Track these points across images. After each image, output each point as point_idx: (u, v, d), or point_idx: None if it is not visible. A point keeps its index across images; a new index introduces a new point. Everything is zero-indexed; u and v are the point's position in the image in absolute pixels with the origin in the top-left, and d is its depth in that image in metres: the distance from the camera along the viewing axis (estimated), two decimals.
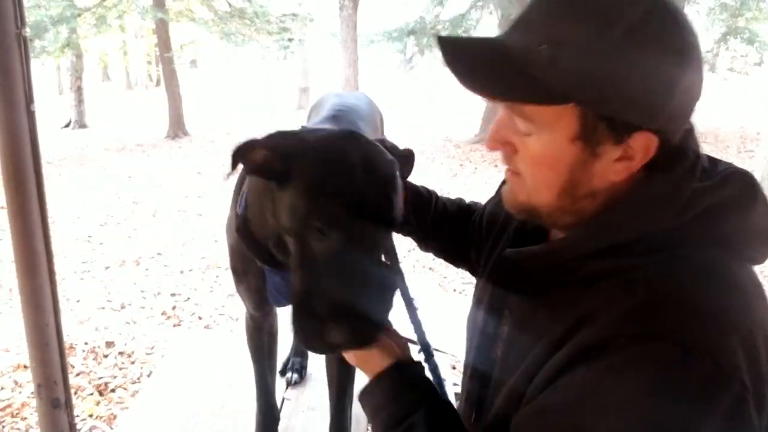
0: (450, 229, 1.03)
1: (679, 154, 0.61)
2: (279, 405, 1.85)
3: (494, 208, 0.92)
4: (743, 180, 0.62)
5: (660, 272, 0.57)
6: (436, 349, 1.19)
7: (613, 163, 0.59)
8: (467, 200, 1.11)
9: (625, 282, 0.58)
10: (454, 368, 2.59)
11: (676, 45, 0.54)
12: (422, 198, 1.05)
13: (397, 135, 1.76)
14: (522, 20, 0.60)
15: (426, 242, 1.08)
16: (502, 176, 0.73)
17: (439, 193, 1.13)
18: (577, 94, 0.54)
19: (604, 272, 0.60)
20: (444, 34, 10.66)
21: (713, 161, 0.65)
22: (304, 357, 2.01)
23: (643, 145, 0.57)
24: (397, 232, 1.01)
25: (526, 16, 0.59)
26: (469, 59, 0.60)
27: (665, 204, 0.59)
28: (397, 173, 0.86)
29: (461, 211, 1.06)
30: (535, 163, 0.61)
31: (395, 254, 1.07)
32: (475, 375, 0.79)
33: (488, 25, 11.18)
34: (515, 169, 0.65)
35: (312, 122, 1.41)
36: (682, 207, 0.59)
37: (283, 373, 1.98)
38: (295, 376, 1.96)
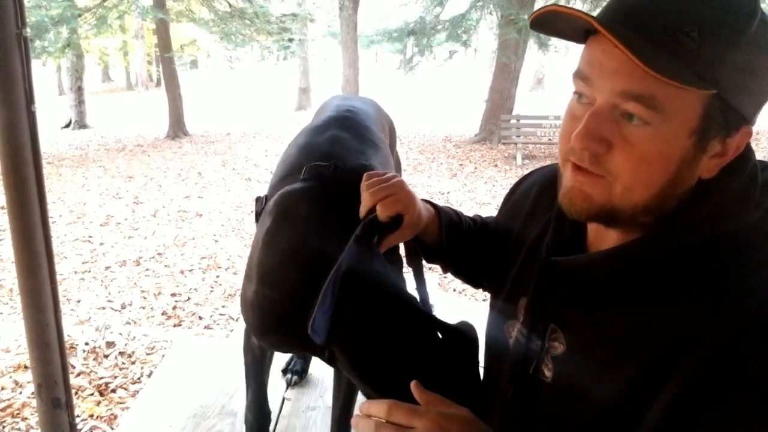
0: (475, 249, 0.96)
1: (748, 152, 0.61)
2: (279, 405, 1.85)
3: (505, 217, 0.89)
4: None
5: (753, 272, 0.55)
6: None
7: (709, 159, 0.57)
8: (476, 210, 1.07)
9: (718, 287, 0.55)
10: None
11: None
12: (453, 225, 0.97)
13: (397, 135, 1.75)
14: (646, 2, 0.55)
15: (454, 266, 1.00)
16: (501, 176, 0.71)
17: (441, 194, 1.09)
18: (723, 82, 0.53)
19: (688, 277, 0.57)
20: (444, 33, 10.67)
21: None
22: (306, 359, 2.01)
23: (738, 141, 0.57)
24: (429, 261, 0.97)
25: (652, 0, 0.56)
26: (623, 28, 0.54)
27: (743, 201, 0.58)
28: None
29: (483, 229, 1.00)
30: (643, 159, 0.56)
31: (401, 262, 1.05)
32: (516, 398, 0.71)
33: (488, 26, 11.19)
34: (605, 169, 0.58)
35: (316, 120, 1.33)
36: (756, 203, 0.58)
37: (283, 373, 1.98)
38: (295, 377, 1.96)
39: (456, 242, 0.94)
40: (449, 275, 1.00)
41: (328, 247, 0.88)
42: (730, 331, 0.52)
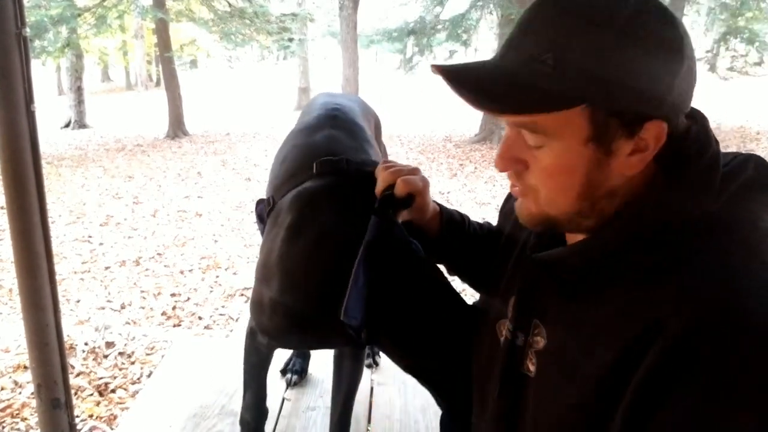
0: (478, 251, 0.98)
1: (706, 142, 0.62)
2: (279, 405, 1.85)
3: (502, 222, 0.92)
4: (758, 162, 0.64)
5: (714, 257, 0.56)
6: None
7: (627, 157, 0.59)
8: (477, 213, 1.08)
9: (682, 272, 0.56)
10: None
11: (668, 35, 0.56)
12: (455, 223, 1.01)
13: (397, 135, 1.74)
14: (516, 37, 0.61)
15: (453, 264, 1.03)
16: (501, 176, 0.73)
17: (441, 194, 1.10)
18: (588, 95, 0.55)
19: (653, 265, 0.58)
20: (444, 33, 10.67)
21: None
22: (306, 358, 2.01)
23: (654, 134, 0.58)
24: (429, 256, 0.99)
25: (519, 31, 0.60)
26: (473, 81, 0.60)
27: (700, 189, 0.60)
28: None
29: (492, 232, 1.02)
30: (549, 174, 0.62)
31: None
32: (502, 395, 0.73)
33: (488, 25, 11.19)
34: (527, 185, 0.65)
35: (306, 120, 1.33)
36: (718, 191, 0.60)
37: (283, 373, 1.98)
38: (295, 377, 1.96)
39: (456, 240, 0.98)
40: (447, 273, 1.02)
41: (354, 237, 0.91)
42: (688, 321, 0.53)
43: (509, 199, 0.93)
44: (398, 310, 0.91)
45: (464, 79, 0.60)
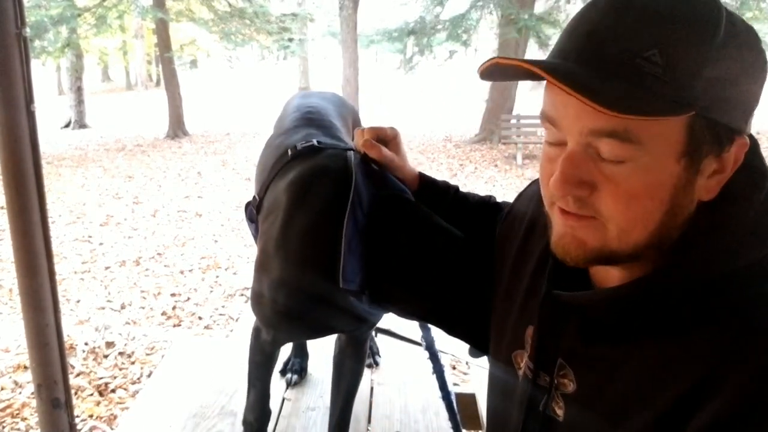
0: (473, 223, 0.95)
1: (759, 172, 0.56)
2: (279, 405, 1.85)
3: (505, 235, 0.83)
4: None
5: None
6: (440, 350, 1.19)
7: (707, 180, 0.53)
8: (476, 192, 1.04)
9: (736, 325, 0.51)
10: (454, 368, 2.59)
11: (758, 48, 0.52)
12: (434, 188, 1.00)
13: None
14: (600, 31, 0.51)
15: None
16: (501, 176, 0.70)
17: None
18: (700, 101, 0.49)
19: (703, 313, 0.53)
20: (444, 33, 10.65)
21: None
22: (304, 358, 2.01)
23: (736, 153, 0.52)
24: None
25: (605, 27, 0.50)
26: (581, 75, 0.50)
27: (758, 234, 0.53)
28: None
29: (486, 205, 0.98)
30: (632, 196, 0.51)
31: None
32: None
33: (488, 25, 11.19)
34: (591, 212, 0.54)
35: (282, 125, 1.35)
36: None
37: (283, 373, 1.98)
38: (295, 377, 1.96)
39: (434, 205, 0.97)
40: None
41: (342, 208, 0.95)
42: (745, 383, 0.48)
43: (511, 213, 0.84)
44: (400, 256, 0.93)
45: (564, 71, 0.50)
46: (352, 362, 1.49)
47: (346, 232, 0.93)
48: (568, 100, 0.50)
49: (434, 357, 1.20)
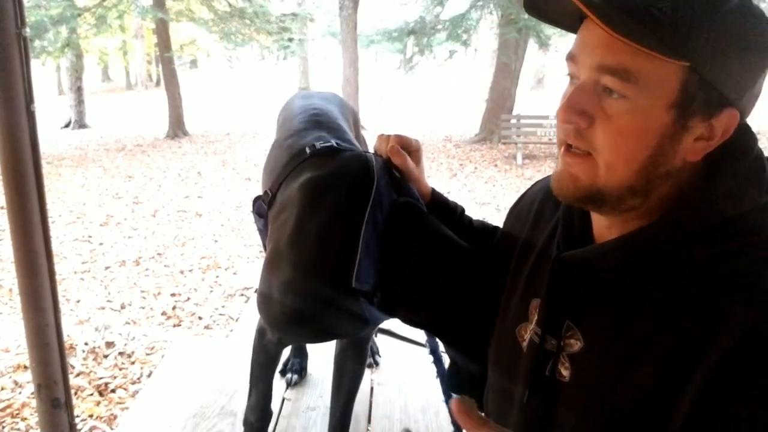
0: (473, 245, 0.98)
1: (749, 138, 0.61)
2: (279, 405, 1.85)
3: (513, 223, 0.89)
4: None
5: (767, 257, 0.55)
6: (443, 351, 1.19)
7: (693, 141, 0.57)
8: (477, 213, 1.10)
9: (736, 270, 0.54)
10: None
11: (766, 35, 0.56)
12: (445, 206, 1.04)
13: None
14: None
15: None
16: (501, 176, 0.71)
17: (443, 194, 1.11)
18: (696, 54, 0.53)
19: (704, 261, 0.56)
20: (444, 33, 10.67)
21: None
22: (304, 358, 2.01)
23: (725, 123, 0.56)
24: None
25: None
26: (607, 7, 0.56)
27: (754, 182, 0.58)
28: None
29: (486, 230, 1.02)
30: (621, 132, 0.57)
31: None
32: (532, 400, 0.69)
33: (488, 25, 11.19)
34: (586, 145, 0.60)
35: (291, 126, 1.34)
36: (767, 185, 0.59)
37: (283, 373, 1.98)
38: (295, 376, 1.96)
39: (442, 220, 1.00)
40: None
41: (360, 213, 0.96)
42: (753, 318, 0.51)
43: (521, 200, 0.90)
44: (417, 263, 0.95)
45: (594, 3, 0.56)
46: (353, 363, 1.49)
47: (364, 234, 0.93)
48: (590, 36, 0.58)
49: (438, 361, 1.20)
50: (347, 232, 0.96)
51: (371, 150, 1.08)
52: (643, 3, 0.54)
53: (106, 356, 2.99)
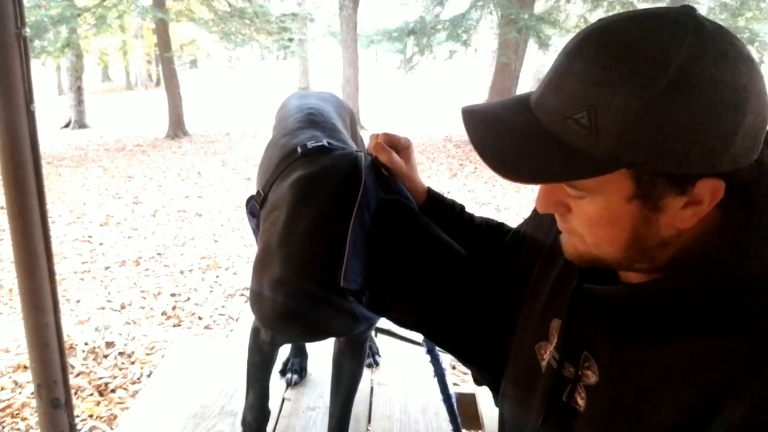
0: (477, 243, 0.98)
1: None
2: (279, 405, 1.85)
3: (534, 232, 0.86)
4: None
5: None
6: (441, 352, 1.19)
7: (679, 211, 0.54)
8: (482, 215, 1.07)
9: (754, 330, 0.52)
10: (454, 368, 2.59)
11: (728, 83, 0.48)
12: (441, 204, 1.03)
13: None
14: (554, 77, 0.55)
15: None
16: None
17: (443, 194, 1.10)
18: (627, 159, 0.50)
19: (722, 317, 0.54)
20: (444, 33, 10.66)
21: None
22: (304, 357, 2.01)
23: (709, 191, 0.52)
24: None
25: (558, 72, 0.55)
26: (494, 137, 0.57)
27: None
28: None
29: (490, 227, 1.02)
30: (592, 223, 0.58)
31: None
32: (547, 423, 0.69)
33: (488, 25, 11.18)
34: (570, 228, 0.62)
35: (285, 125, 1.34)
36: None
37: (283, 373, 1.98)
38: (295, 376, 1.96)
39: (439, 221, 0.99)
40: None
41: (350, 211, 0.96)
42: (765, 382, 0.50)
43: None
44: (403, 263, 0.94)
45: (485, 137, 0.58)
46: (352, 363, 1.49)
47: (351, 232, 0.93)
48: None
49: (435, 360, 1.20)
50: (335, 231, 0.96)
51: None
52: (563, 116, 0.52)
53: (106, 356, 2.99)
